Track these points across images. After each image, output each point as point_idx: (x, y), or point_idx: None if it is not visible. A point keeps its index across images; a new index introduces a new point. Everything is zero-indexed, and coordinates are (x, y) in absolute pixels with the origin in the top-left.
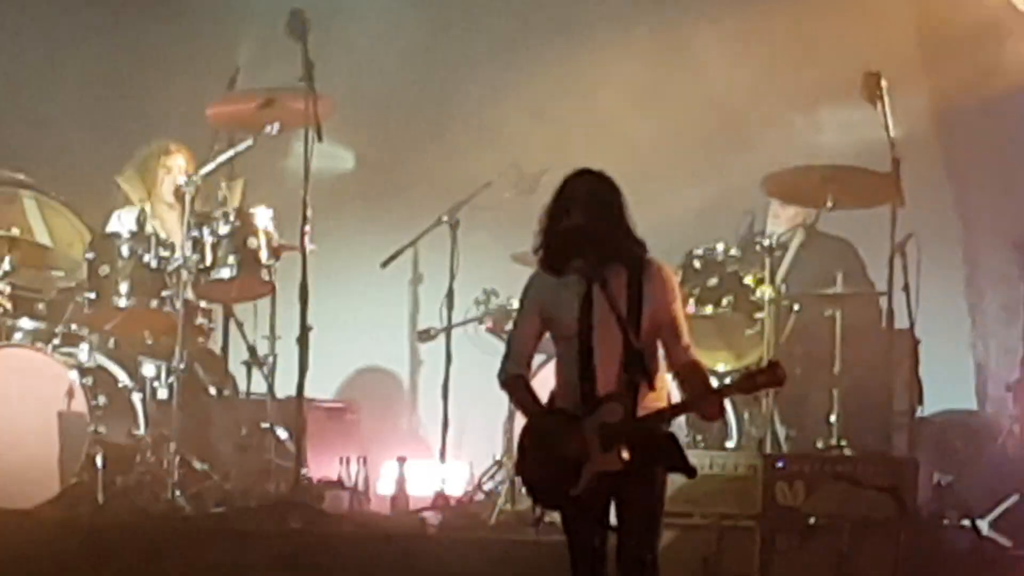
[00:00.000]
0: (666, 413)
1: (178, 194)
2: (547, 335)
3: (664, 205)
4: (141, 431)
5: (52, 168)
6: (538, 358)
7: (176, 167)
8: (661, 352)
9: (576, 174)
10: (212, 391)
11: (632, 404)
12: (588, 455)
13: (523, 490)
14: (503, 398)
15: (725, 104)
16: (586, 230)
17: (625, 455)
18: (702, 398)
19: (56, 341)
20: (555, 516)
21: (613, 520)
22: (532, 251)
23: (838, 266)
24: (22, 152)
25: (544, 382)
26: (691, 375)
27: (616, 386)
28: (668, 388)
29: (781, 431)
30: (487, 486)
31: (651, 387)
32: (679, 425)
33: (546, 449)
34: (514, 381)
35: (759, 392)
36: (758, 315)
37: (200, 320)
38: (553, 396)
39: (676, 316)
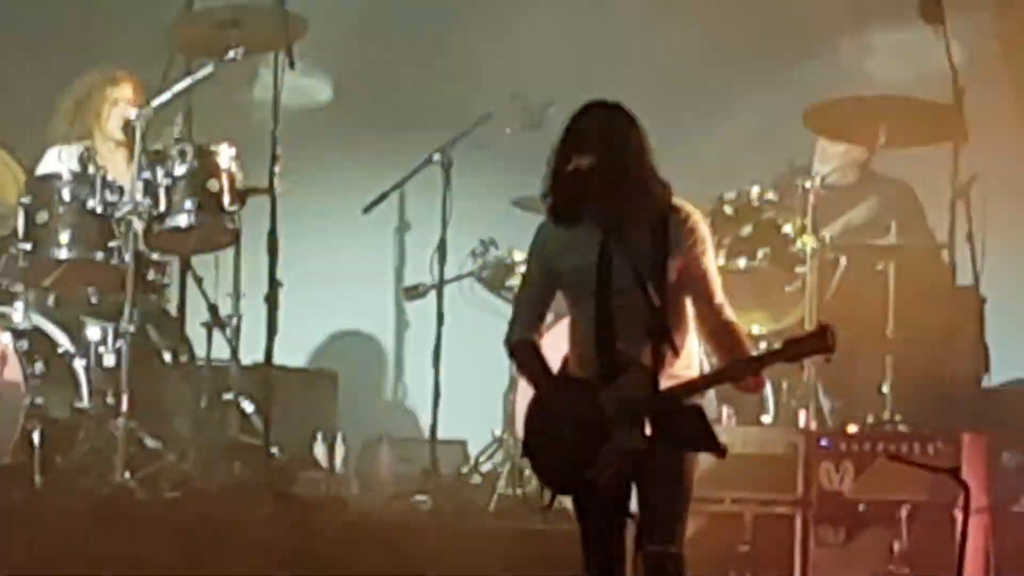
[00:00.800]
0: (698, 384)
1: (127, 129)
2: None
3: (690, 142)
4: (84, 403)
5: None
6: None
7: (124, 98)
8: (691, 312)
9: (587, 107)
10: (167, 357)
11: (656, 373)
12: (607, 432)
13: (529, 471)
14: (503, 365)
15: (759, 24)
16: (598, 171)
17: (648, 432)
18: (740, 367)
19: None
20: (567, 502)
21: (634, 507)
22: (539, 197)
23: (893, 213)
24: None
25: (554, 345)
26: (726, 339)
27: (638, 352)
28: (698, 354)
29: (826, 404)
30: (485, 467)
31: (676, 353)
32: (707, 397)
33: (558, 425)
34: (522, 347)
35: (803, 359)
36: (799, 269)
37: (153, 275)
38: (566, 363)
39: (707, 270)
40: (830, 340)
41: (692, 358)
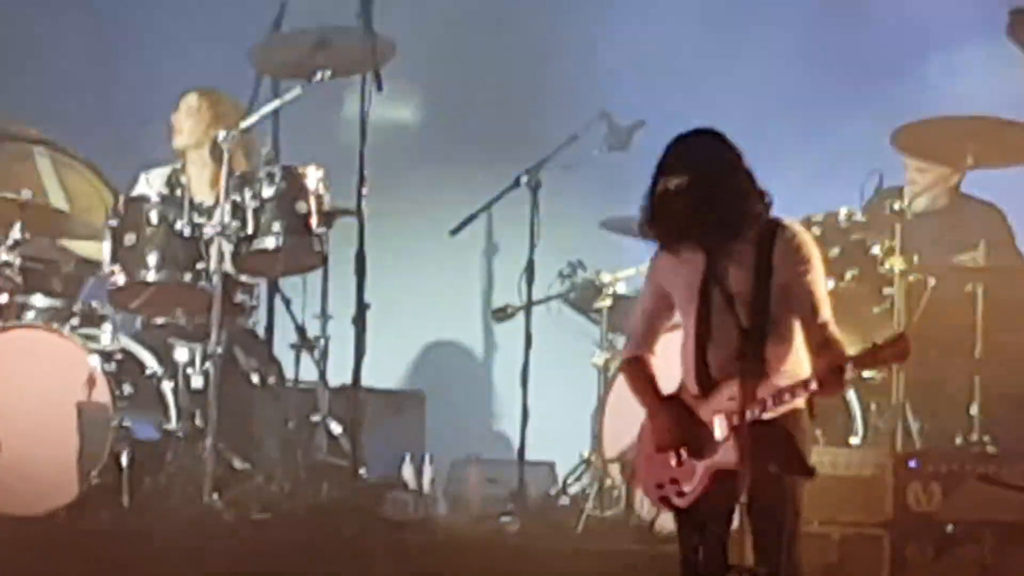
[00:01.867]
0: (783, 394)
1: (215, 151)
2: None
3: (777, 163)
4: (172, 425)
5: (70, 123)
6: None
7: (185, 109)
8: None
9: (680, 136)
10: (255, 379)
11: (749, 390)
12: (704, 448)
13: (618, 493)
14: (591, 386)
15: (848, 44)
16: (686, 191)
17: (740, 451)
18: (821, 376)
19: (74, 321)
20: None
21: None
22: (637, 225)
23: (982, 234)
24: (36, 106)
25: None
26: (826, 355)
27: (729, 371)
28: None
29: (914, 425)
30: (573, 488)
31: (764, 371)
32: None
33: (659, 442)
34: (629, 364)
35: (882, 368)
36: (887, 290)
37: (241, 297)
38: (681, 383)
39: (811, 288)
40: (904, 347)
41: (799, 375)
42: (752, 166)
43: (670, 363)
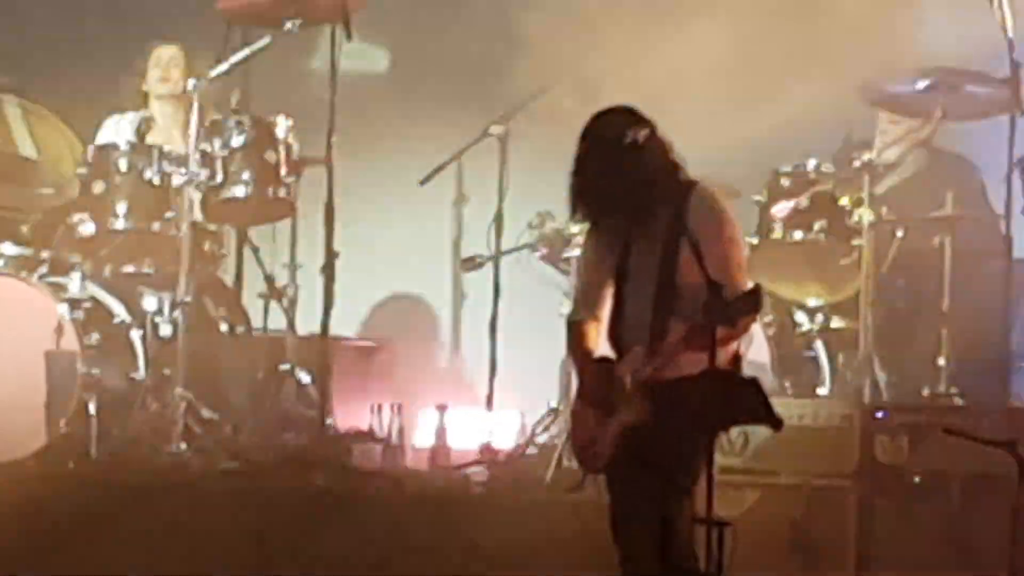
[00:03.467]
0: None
1: (183, 100)
2: None
3: (746, 116)
4: (141, 374)
5: (39, 72)
6: None
7: (165, 58)
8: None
9: (592, 116)
10: (223, 328)
11: (654, 348)
12: (616, 408)
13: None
14: (559, 337)
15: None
16: (585, 171)
17: (646, 408)
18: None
19: (43, 269)
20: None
21: None
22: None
23: (954, 187)
24: (4, 56)
25: None
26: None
27: (642, 335)
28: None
29: (882, 376)
30: (541, 438)
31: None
32: (763, 368)
33: (584, 403)
34: (568, 329)
35: (744, 321)
36: (855, 241)
37: (209, 245)
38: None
39: (721, 251)
40: (756, 301)
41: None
42: (722, 120)
43: None
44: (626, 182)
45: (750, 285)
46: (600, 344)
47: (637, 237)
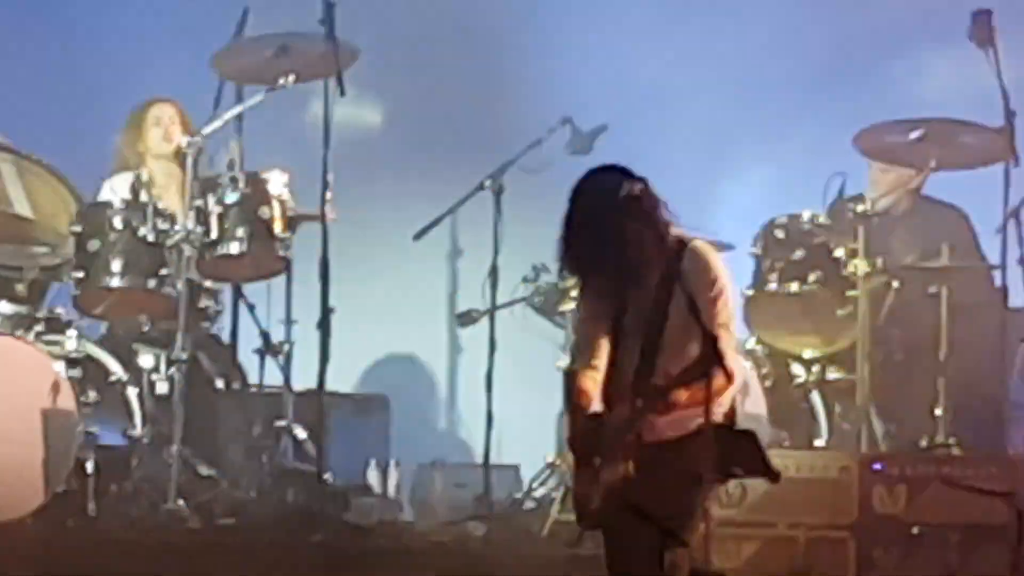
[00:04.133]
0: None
1: (178, 157)
2: None
3: (740, 168)
4: (138, 431)
5: (34, 130)
6: None
7: (166, 117)
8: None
9: (584, 175)
10: (219, 384)
11: (634, 410)
12: (604, 466)
13: None
14: (555, 390)
15: (809, 49)
16: (579, 225)
17: (630, 467)
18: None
19: (39, 328)
20: None
21: None
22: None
23: (945, 237)
24: None
25: None
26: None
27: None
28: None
29: (879, 427)
30: (538, 492)
31: (655, 390)
32: (759, 420)
33: (577, 459)
34: (565, 378)
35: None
36: (851, 293)
37: (205, 302)
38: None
39: (712, 309)
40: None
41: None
42: (717, 171)
43: None
44: (616, 243)
45: (733, 342)
46: (597, 396)
47: (632, 295)
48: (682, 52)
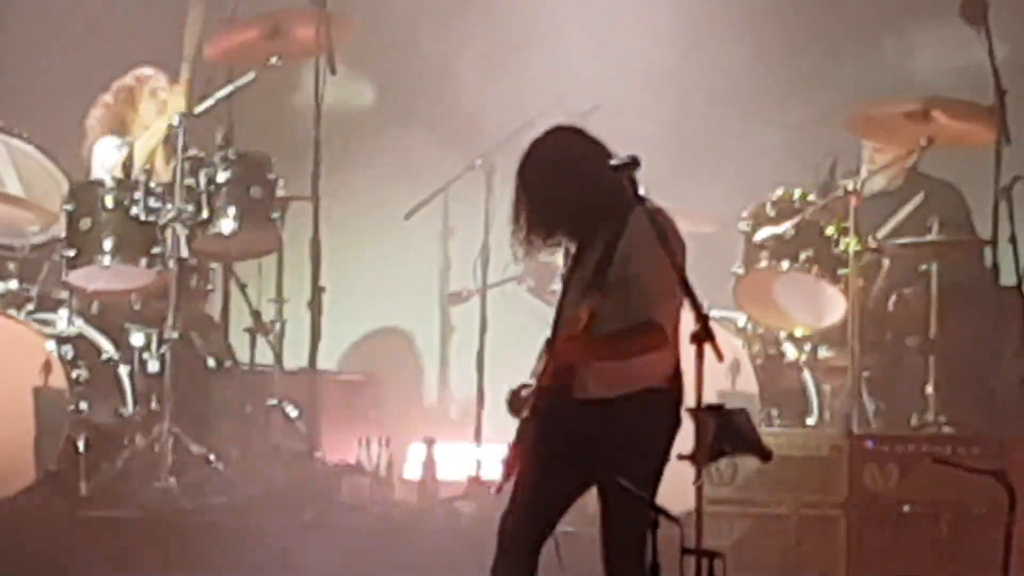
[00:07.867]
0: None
1: (168, 136)
2: None
3: (730, 146)
4: (129, 409)
5: (22, 108)
6: None
7: (160, 87)
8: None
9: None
10: (211, 363)
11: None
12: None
13: None
14: None
15: (802, 26)
16: (522, 193)
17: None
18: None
19: (30, 306)
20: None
21: None
22: None
23: (937, 212)
24: None
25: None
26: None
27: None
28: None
29: (870, 406)
30: None
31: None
32: (750, 399)
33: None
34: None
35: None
36: (841, 271)
37: (196, 281)
38: None
39: (641, 277)
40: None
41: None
42: (710, 148)
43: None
44: (566, 201)
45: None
46: None
47: (579, 256)
48: (676, 31)
